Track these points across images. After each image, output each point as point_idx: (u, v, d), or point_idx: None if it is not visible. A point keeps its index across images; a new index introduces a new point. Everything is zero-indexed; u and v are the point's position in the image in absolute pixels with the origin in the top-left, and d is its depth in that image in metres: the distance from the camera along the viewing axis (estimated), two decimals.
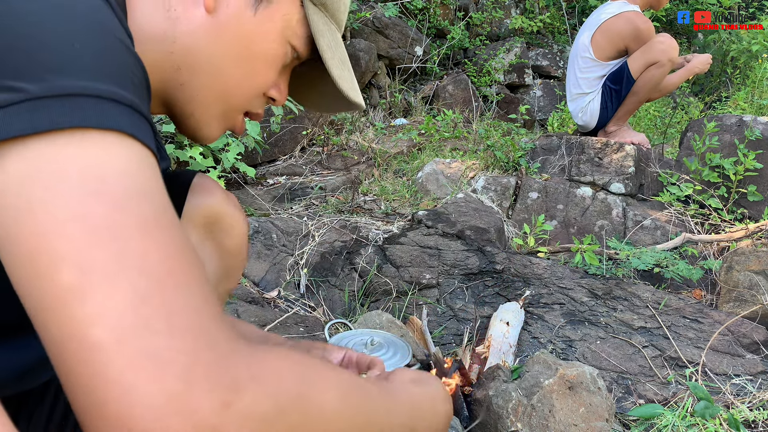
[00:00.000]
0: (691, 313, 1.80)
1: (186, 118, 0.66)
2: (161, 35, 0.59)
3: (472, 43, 5.37)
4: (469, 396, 1.31)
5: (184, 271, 0.38)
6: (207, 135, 0.69)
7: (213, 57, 0.61)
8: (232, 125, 0.70)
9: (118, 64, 0.42)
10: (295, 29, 0.65)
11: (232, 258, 0.87)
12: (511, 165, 3.04)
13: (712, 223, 2.49)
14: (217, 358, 0.36)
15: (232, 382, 0.35)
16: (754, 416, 1.37)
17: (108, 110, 0.39)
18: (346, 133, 3.69)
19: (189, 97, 0.64)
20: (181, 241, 0.40)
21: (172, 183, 0.83)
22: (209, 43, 0.60)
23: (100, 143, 0.38)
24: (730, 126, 2.71)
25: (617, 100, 3.12)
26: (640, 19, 3.00)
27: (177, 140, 2.40)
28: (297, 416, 0.38)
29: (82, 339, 0.34)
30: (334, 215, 2.40)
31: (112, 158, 0.38)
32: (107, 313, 0.34)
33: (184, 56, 0.60)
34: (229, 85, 0.64)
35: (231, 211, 0.86)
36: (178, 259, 0.38)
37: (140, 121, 0.42)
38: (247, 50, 0.62)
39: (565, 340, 1.69)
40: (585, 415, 1.23)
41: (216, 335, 0.37)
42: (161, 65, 0.60)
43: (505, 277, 1.94)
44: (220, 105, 0.66)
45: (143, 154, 0.41)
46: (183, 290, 0.37)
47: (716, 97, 5.07)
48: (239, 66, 0.63)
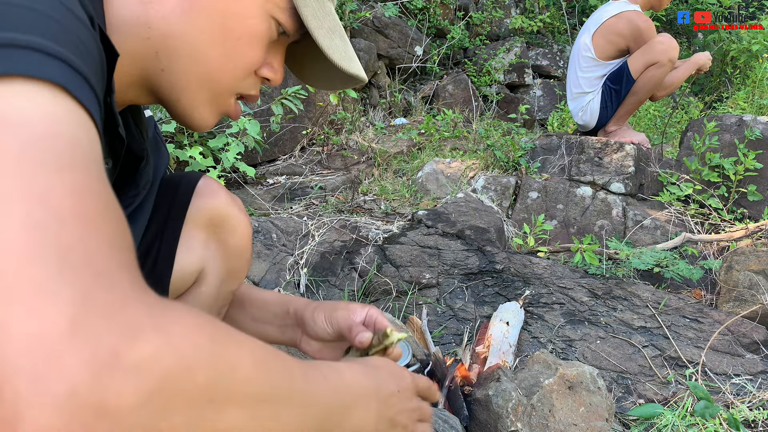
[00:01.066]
0: (691, 312, 1.80)
1: (174, 105, 0.64)
2: (135, 21, 0.57)
3: (472, 42, 5.36)
4: (469, 396, 1.31)
5: (94, 215, 0.34)
6: (199, 122, 0.66)
7: (189, 40, 0.59)
8: (225, 110, 0.68)
9: (62, 26, 0.41)
10: (276, 1, 0.62)
11: (235, 259, 0.87)
12: (511, 165, 3.04)
13: (712, 223, 2.49)
14: (113, 300, 0.30)
15: (128, 328, 0.30)
16: (754, 416, 1.37)
17: (40, 61, 0.38)
18: (346, 133, 3.68)
19: (172, 83, 0.62)
20: (99, 192, 0.36)
21: (178, 185, 0.84)
22: (184, 26, 0.58)
23: (27, 89, 0.36)
24: (730, 126, 2.71)
25: (617, 100, 3.12)
26: (641, 18, 3.00)
27: (176, 140, 2.40)
28: (204, 377, 0.33)
29: None
30: (334, 215, 2.40)
31: (37, 103, 0.36)
32: (7, 281, 0.28)
33: (161, 41, 0.59)
34: (211, 67, 0.61)
35: (235, 213, 0.86)
36: (88, 203, 0.34)
37: (77, 79, 0.40)
38: (224, 29, 0.60)
39: (565, 340, 1.69)
40: (585, 415, 1.23)
41: (119, 279, 0.32)
42: (140, 52, 0.59)
43: (505, 277, 1.94)
44: (205, 89, 0.63)
45: (74, 109, 0.38)
46: (87, 231, 0.32)
47: (716, 96, 5.07)
48: (218, 46, 0.60)
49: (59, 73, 0.38)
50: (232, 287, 0.89)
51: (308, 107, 3.39)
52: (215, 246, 0.85)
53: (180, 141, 2.40)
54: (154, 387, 0.30)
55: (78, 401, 0.27)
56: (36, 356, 0.27)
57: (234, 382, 0.35)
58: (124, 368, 0.29)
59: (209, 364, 0.33)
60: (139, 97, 0.65)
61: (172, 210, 0.83)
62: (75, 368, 0.28)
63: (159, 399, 0.30)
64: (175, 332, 0.32)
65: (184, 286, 0.85)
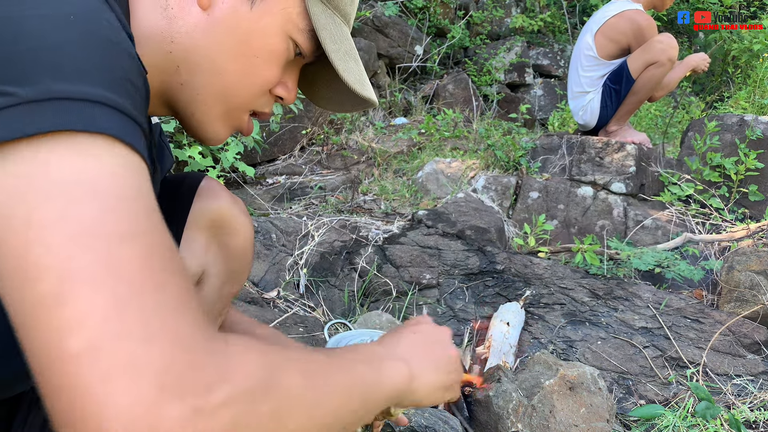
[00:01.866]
0: (692, 313, 1.80)
1: (188, 118, 0.65)
2: (159, 35, 0.58)
3: (472, 42, 5.36)
4: (469, 396, 1.30)
5: (164, 275, 0.38)
6: (212, 136, 0.67)
7: (210, 55, 0.60)
8: (238, 126, 0.69)
9: (110, 67, 0.42)
10: (295, 23, 0.63)
11: (237, 261, 0.87)
12: (511, 164, 3.04)
13: (713, 223, 2.48)
14: (191, 361, 0.35)
15: (204, 386, 0.35)
16: (755, 416, 1.37)
17: (95, 114, 0.39)
18: (345, 133, 3.68)
19: (190, 97, 0.63)
20: (162, 245, 0.39)
21: (180, 186, 0.83)
22: (206, 41, 0.59)
23: (86, 147, 0.38)
24: (731, 125, 2.70)
25: (617, 100, 3.12)
26: (642, 17, 3.00)
27: (176, 140, 2.40)
28: (266, 407, 0.39)
29: (59, 349, 0.33)
30: (333, 215, 2.40)
31: (97, 163, 0.38)
32: (84, 322, 0.33)
33: (183, 55, 0.60)
34: (229, 83, 0.62)
35: (237, 215, 0.86)
36: (157, 264, 0.38)
37: (130, 125, 0.42)
38: (245, 46, 0.61)
39: (565, 341, 1.68)
40: (586, 416, 1.22)
41: (193, 338, 0.37)
42: (161, 65, 0.59)
43: (505, 277, 1.94)
44: (221, 104, 0.64)
45: (130, 158, 0.41)
46: (161, 294, 0.37)
47: (717, 96, 5.06)
48: (238, 63, 0.61)
49: (115, 125, 0.40)
50: (233, 289, 0.89)
51: (308, 107, 3.38)
52: (216, 248, 0.85)
53: (179, 141, 2.39)
54: (229, 423, 0.36)
55: None
56: (137, 421, 0.33)
57: (290, 400, 0.41)
58: (205, 416, 0.35)
59: (268, 394, 0.39)
60: (155, 108, 0.66)
61: (173, 213, 0.82)
62: (167, 424, 0.33)
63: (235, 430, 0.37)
64: (237, 376, 0.38)
65: None
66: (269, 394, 0.40)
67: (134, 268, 0.36)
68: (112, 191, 0.38)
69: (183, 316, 0.37)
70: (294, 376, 0.43)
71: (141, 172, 0.41)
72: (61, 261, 0.34)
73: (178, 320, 0.37)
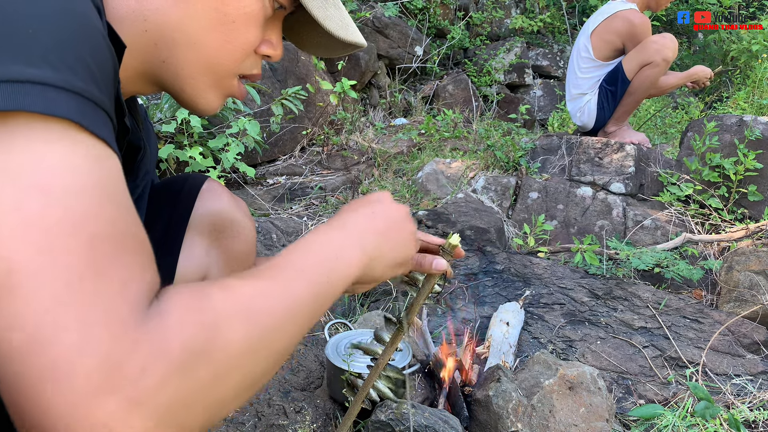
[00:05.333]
0: (691, 313, 1.80)
1: (179, 93, 0.65)
2: (132, 15, 0.58)
3: (472, 42, 5.36)
4: (469, 396, 1.31)
5: (107, 260, 0.38)
6: (206, 107, 0.67)
7: (184, 28, 0.59)
8: (229, 92, 0.68)
9: (76, 51, 0.42)
10: None
11: (238, 263, 0.86)
12: (511, 165, 3.04)
13: (713, 223, 2.49)
14: (125, 349, 0.35)
15: (138, 371, 0.35)
16: (755, 416, 1.37)
17: (55, 98, 0.39)
18: (346, 133, 3.68)
19: (174, 73, 0.62)
20: (111, 229, 0.39)
21: (181, 188, 0.83)
22: (178, 15, 0.58)
23: (43, 132, 0.38)
24: (731, 126, 2.70)
25: (613, 101, 3.13)
26: (636, 16, 3.01)
27: (176, 140, 2.40)
28: (205, 371, 0.39)
29: (7, 343, 0.34)
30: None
31: (55, 149, 0.38)
32: (25, 317, 0.34)
33: (158, 32, 0.59)
34: (210, 54, 0.61)
35: (239, 218, 0.85)
36: (100, 251, 0.38)
37: (92, 110, 0.41)
38: (219, 14, 0.60)
39: (565, 340, 1.68)
40: (585, 416, 1.23)
41: (127, 323, 0.36)
42: (139, 45, 0.59)
43: (505, 277, 1.94)
44: (207, 76, 0.63)
45: (90, 143, 0.40)
46: (100, 284, 0.37)
47: (716, 96, 5.07)
48: (215, 32, 0.60)
49: (75, 110, 0.40)
50: None
51: (308, 107, 3.39)
52: (218, 252, 0.84)
53: (180, 141, 2.40)
54: (169, 400, 0.37)
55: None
56: (79, 423, 0.33)
57: (230, 354, 0.41)
58: (142, 403, 0.35)
59: (206, 357, 0.39)
60: (143, 88, 0.65)
61: (174, 216, 0.82)
62: (105, 420, 0.34)
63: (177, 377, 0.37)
64: (174, 348, 0.37)
65: None
66: (207, 357, 0.39)
67: (74, 260, 0.36)
68: (67, 181, 0.38)
69: (121, 302, 0.37)
70: (235, 325, 0.42)
71: (99, 159, 0.41)
72: (9, 252, 0.35)
73: (115, 307, 0.36)
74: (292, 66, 3.41)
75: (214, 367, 0.39)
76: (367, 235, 0.62)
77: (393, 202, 0.70)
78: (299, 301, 0.49)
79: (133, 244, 0.40)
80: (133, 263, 0.40)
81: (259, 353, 0.43)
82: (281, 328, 0.46)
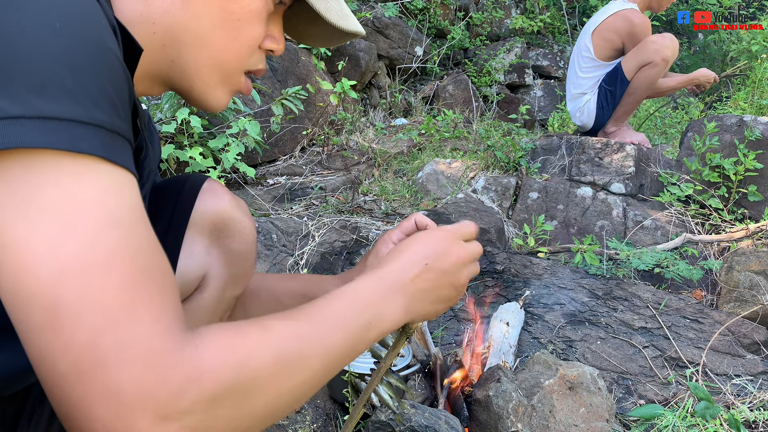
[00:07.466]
0: (691, 313, 1.80)
1: (188, 92, 0.66)
2: (140, 19, 0.59)
3: (472, 43, 5.36)
4: (469, 396, 1.31)
5: (141, 294, 0.41)
6: (216, 104, 0.68)
7: (192, 29, 0.61)
8: (237, 88, 0.69)
9: (96, 80, 0.43)
10: None
11: (239, 264, 0.86)
12: (511, 165, 3.04)
13: (713, 224, 2.49)
14: (160, 377, 0.39)
15: (172, 395, 0.40)
16: (755, 416, 1.37)
17: (82, 135, 0.41)
18: (346, 133, 3.68)
19: (183, 72, 0.64)
20: (142, 262, 0.42)
21: (182, 188, 0.83)
22: (185, 16, 0.60)
23: (71, 167, 0.41)
24: (731, 126, 2.70)
25: (613, 101, 3.13)
26: (636, 15, 3.01)
27: (177, 140, 2.40)
28: (231, 402, 0.42)
29: (53, 372, 0.39)
30: (334, 215, 2.40)
31: (83, 186, 0.41)
32: (69, 350, 0.38)
33: (166, 34, 0.60)
34: (217, 52, 0.63)
35: (239, 218, 0.85)
36: (134, 285, 0.41)
37: (114, 141, 0.44)
38: (225, 13, 0.61)
39: (565, 341, 1.69)
40: (585, 416, 1.23)
41: (162, 352, 0.40)
42: (149, 47, 0.60)
43: (505, 277, 1.94)
44: (215, 73, 0.65)
45: (116, 175, 0.43)
46: (137, 316, 0.40)
47: (716, 97, 5.07)
48: (221, 30, 0.62)
49: (100, 144, 0.42)
50: (235, 292, 0.88)
51: (308, 108, 3.39)
52: (218, 251, 0.84)
53: (180, 141, 2.40)
54: (198, 421, 0.41)
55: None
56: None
57: (257, 388, 0.44)
58: (171, 420, 0.40)
59: (235, 391, 0.43)
60: (151, 88, 0.66)
61: (174, 216, 0.82)
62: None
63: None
64: (206, 381, 0.41)
65: (186, 292, 0.84)
66: (235, 392, 0.43)
67: (109, 295, 0.40)
68: (99, 218, 0.41)
69: (155, 333, 0.41)
70: (266, 364, 0.45)
71: (125, 189, 0.44)
72: (48, 292, 0.39)
73: (151, 338, 0.40)
74: (292, 66, 3.41)
75: (240, 399, 0.43)
76: (417, 293, 0.63)
77: (456, 247, 0.68)
78: (334, 349, 0.52)
79: (159, 272, 0.44)
80: (163, 292, 0.43)
81: (284, 390, 0.47)
82: (311, 368, 0.49)
